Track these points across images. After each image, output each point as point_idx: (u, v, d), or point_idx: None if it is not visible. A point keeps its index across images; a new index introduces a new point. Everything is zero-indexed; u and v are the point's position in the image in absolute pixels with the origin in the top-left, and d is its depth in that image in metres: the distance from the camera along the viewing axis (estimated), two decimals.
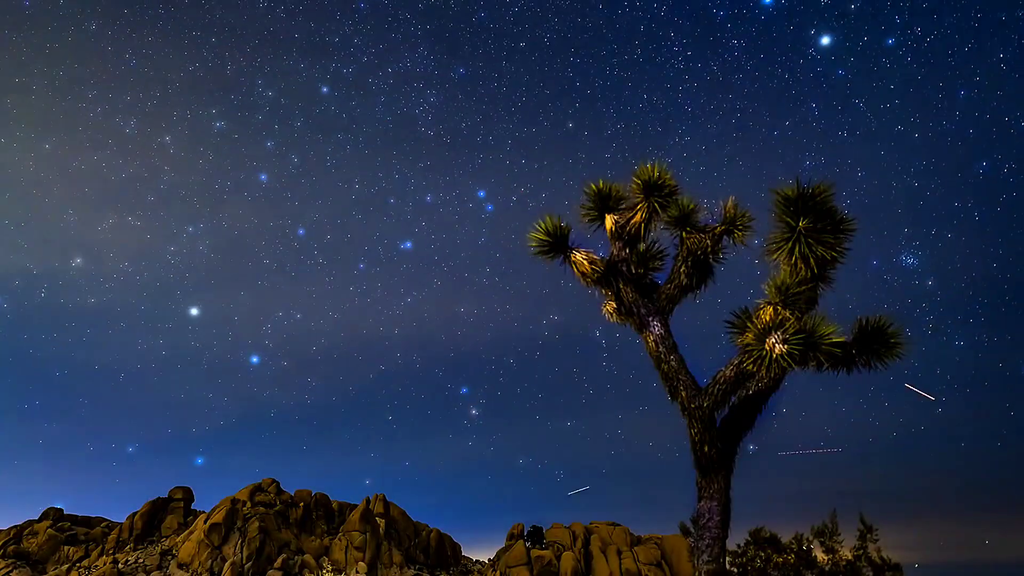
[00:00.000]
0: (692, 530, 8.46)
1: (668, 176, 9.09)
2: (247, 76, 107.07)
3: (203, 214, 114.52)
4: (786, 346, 7.13)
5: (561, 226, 9.35)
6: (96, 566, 50.52)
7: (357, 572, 52.31)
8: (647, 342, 8.83)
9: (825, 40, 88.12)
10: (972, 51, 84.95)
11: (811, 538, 11.46)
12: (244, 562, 48.61)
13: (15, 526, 54.80)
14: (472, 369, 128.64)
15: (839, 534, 11.28)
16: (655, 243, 9.89)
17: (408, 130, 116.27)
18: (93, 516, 59.78)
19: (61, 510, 57.89)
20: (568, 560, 52.72)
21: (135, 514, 55.90)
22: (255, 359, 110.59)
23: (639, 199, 9.24)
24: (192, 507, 59.41)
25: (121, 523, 56.00)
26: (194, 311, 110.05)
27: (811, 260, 8.00)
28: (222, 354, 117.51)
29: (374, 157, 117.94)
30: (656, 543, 55.30)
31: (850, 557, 11.05)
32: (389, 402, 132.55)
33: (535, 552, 54.13)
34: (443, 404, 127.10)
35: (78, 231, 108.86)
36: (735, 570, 11.68)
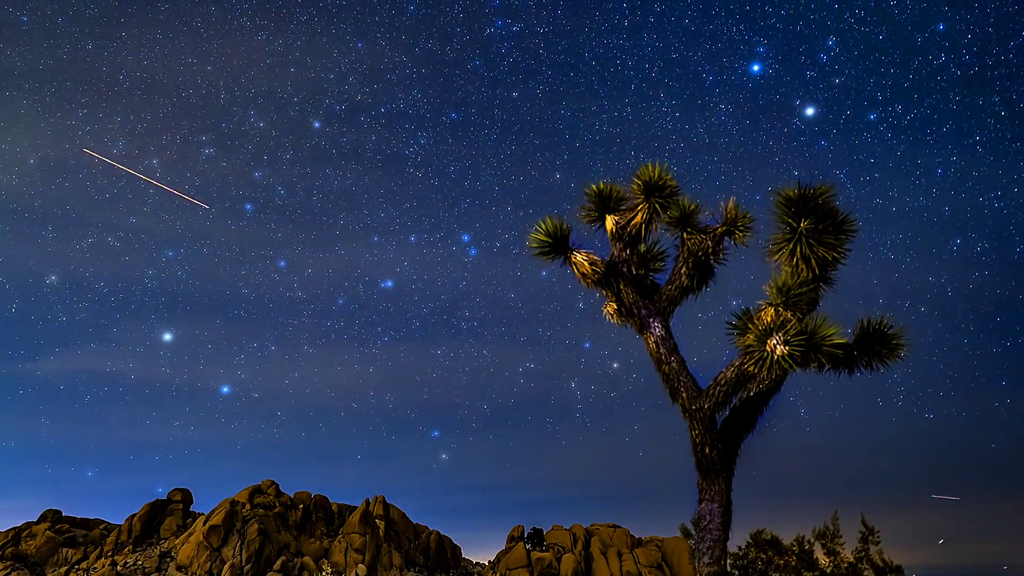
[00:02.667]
0: (693, 532, 8.43)
1: (669, 177, 9.05)
2: (240, 106, 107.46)
3: (184, 239, 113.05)
4: (787, 347, 7.10)
5: (561, 227, 9.30)
6: (95, 568, 50.41)
7: (357, 574, 52.21)
8: (648, 343, 8.80)
9: (809, 111, 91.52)
10: (950, 132, 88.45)
11: (812, 540, 11.43)
12: (243, 564, 48.50)
13: (13, 528, 54.68)
14: (445, 413, 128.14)
15: (840, 536, 11.25)
16: (656, 244, 9.87)
17: (396, 170, 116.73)
18: (91, 518, 59.69)
19: (59, 512, 57.77)
20: (568, 562, 52.64)
21: (134, 516, 55.80)
22: (225, 389, 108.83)
23: (640, 200, 9.21)
24: (191, 509, 59.32)
25: (120, 525, 55.91)
26: (167, 336, 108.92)
27: (812, 261, 7.97)
28: (192, 382, 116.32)
29: (361, 194, 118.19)
30: (657, 545, 55.23)
31: (851, 559, 11.02)
32: (359, 441, 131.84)
33: (535, 554, 54.05)
34: (414, 446, 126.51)
35: (56, 248, 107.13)
36: (736, 572, 11.65)
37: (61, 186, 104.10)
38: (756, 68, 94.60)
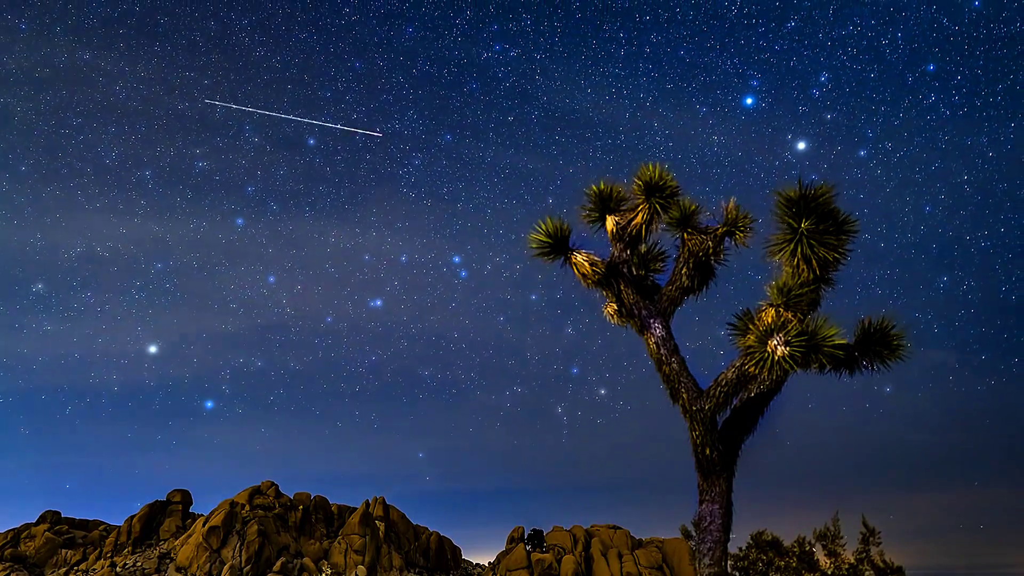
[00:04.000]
0: (693, 533, 8.41)
1: (669, 177, 9.03)
2: (235, 120, 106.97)
3: (174, 252, 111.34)
4: (788, 348, 7.08)
5: (562, 227, 9.28)
6: (94, 569, 50.36)
7: (356, 575, 52.15)
8: (648, 344, 8.78)
9: (801, 145, 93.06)
10: (938, 170, 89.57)
11: (813, 541, 11.41)
12: (243, 565, 48.45)
13: (12, 529, 54.63)
14: (430, 434, 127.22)
15: (841, 537, 11.23)
16: (656, 244, 9.85)
17: (390, 189, 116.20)
18: (91, 519, 59.65)
19: (59, 513, 57.73)
20: (569, 563, 52.61)
21: (133, 517, 55.75)
22: (209, 404, 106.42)
23: (640, 200, 9.19)
24: (190, 510, 59.27)
25: (119, 526, 55.85)
26: (152, 349, 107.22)
27: (813, 262, 7.95)
28: (176, 395, 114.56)
29: (353, 213, 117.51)
30: (657, 546, 55.19)
31: (852, 560, 10.99)
32: (344, 459, 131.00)
33: (535, 555, 54.01)
34: (398, 468, 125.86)
35: (43, 256, 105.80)
36: (737, 573, 11.63)
37: (52, 194, 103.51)
38: (749, 101, 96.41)
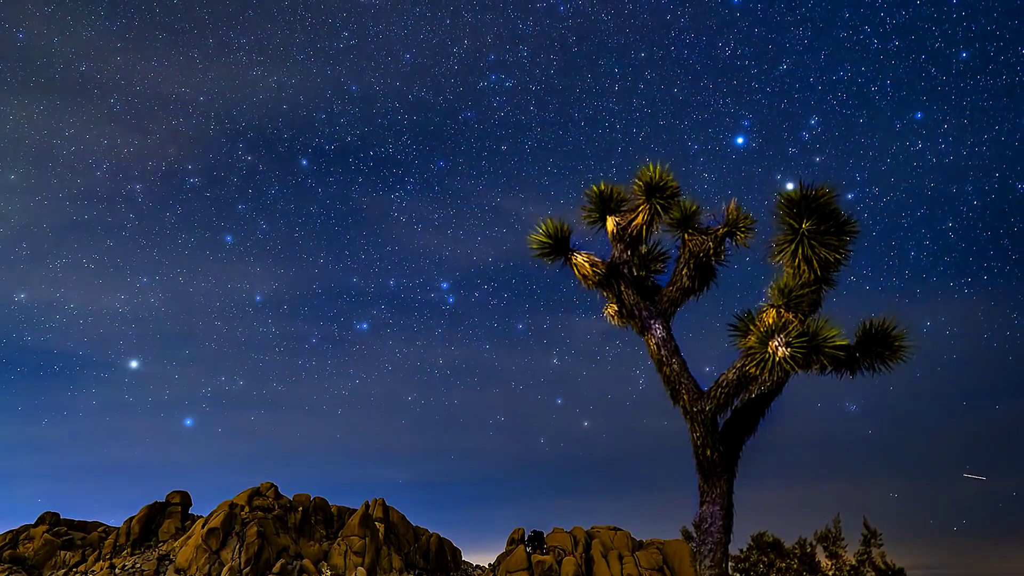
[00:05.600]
0: (694, 534, 8.38)
1: (670, 178, 9.02)
2: (229, 138, 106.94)
3: (161, 267, 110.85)
4: (789, 349, 7.06)
5: (562, 228, 9.27)
6: (93, 571, 50.28)
7: None
8: (649, 345, 8.76)
9: (790, 186, 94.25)
10: (924, 216, 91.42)
11: (814, 542, 11.38)
12: (242, 567, 48.37)
13: (11, 531, 54.56)
14: (412, 460, 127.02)
15: (842, 539, 11.21)
16: (657, 245, 9.84)
17: (381, 213, 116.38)
18: (90, 521, 59.59)
19: (57, 515, 57.69)
20: (569, 565, 52.57)
21: (132, 519, 55.68)
22: (189, 421, 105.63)
23: (641, 201, 9.18)
24: (190, 511, 59.20)
25: (118, 528, 55.78)
26: (134, 364, 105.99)
27: (814, 262, 7.94)
28: (155, 412, 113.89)
29: (343, 234, 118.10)
30: (658, 548, 55.15)
31: (853, 562, 10.97)
32: (323, 484, 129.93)
33: (536, 557, 53.97)
34: (379, 492, 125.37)
35: (28, 266, 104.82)
36: (738, 575, 11.61)
37: (40, 204, 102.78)
38: (740, 141, 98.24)
